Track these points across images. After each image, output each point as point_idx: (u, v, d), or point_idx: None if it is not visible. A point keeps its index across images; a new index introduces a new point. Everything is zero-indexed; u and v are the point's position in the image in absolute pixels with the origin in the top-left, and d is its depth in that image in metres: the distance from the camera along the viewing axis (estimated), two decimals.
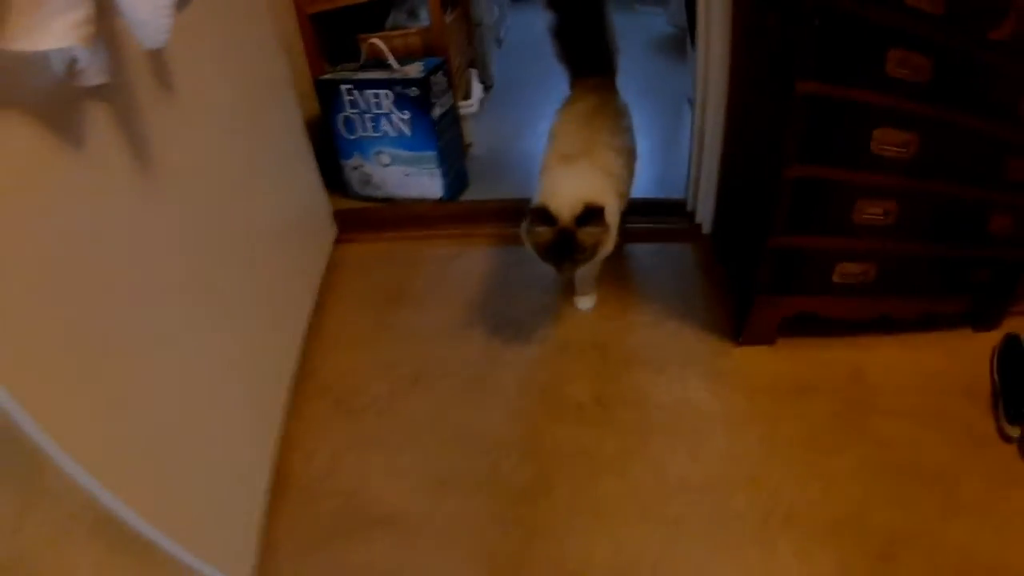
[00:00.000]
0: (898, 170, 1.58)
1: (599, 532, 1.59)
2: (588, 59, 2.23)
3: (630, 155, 2.11)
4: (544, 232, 1.80)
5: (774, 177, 1.63)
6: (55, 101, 1.10)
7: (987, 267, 1.82)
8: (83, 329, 1.15)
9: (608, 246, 1.88)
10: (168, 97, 1.44)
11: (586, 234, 1.78)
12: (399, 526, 1.66)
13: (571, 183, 1.86)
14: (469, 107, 2.79)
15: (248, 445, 1.71)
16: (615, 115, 2.13)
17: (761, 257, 1.76)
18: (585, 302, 2.18)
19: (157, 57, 1.40)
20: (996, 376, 1.79)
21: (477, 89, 2.91)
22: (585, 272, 2.07)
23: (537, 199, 1.84)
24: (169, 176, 1.43)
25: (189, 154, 1.53)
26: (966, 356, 1.88)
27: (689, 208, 2.38)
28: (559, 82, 2.28)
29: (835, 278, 1.77)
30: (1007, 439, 1.67)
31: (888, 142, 1.54)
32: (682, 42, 3.13)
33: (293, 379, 1.98)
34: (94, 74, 1.14)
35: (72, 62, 1.10)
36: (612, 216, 1.85)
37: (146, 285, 1.34)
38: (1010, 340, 1.83)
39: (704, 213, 2.30)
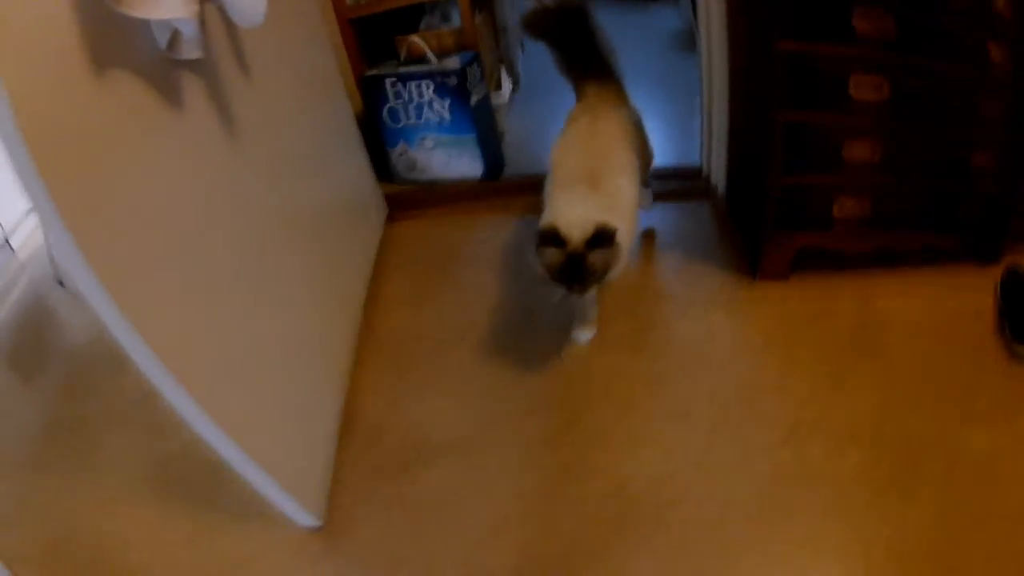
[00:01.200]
0: (877, 111, 1.81)
1: (645, 439, 1.81)
2: (585, 66, 2.24)
3: (635, 171, 2.08)
4: (554, 254, 1.78)
5: (769, 122, 1.87)
6: (158, 69, 1.35)
7: (977, 201, 1.99)
8: (194, 272, 1.43)
9: (619, 267, 1.86)
10: (246, 80, 1.72)
11: (597, 256, 1.77)
12: (460, 451, 1.88)
13: (578, 206, 1.84)
14: (500, 98, 3.04)
15: (322, 392, 1.97)
16: (619, 131, 2.10)
17: (768, 196, 1.98)
18: (584, 334, 2.12)
19: (236, 45, 1.66)
20: (1000, 301, 1.95)
21: (507, 82, 3.16)
22: (586, 300, 2.06)
23: (544, 221, 1.83)
24: (250, 148, 1.71)
25: (263, 132, 1.81)
26: (970, 287, 2.03)
27: (704, 173, 2.61)
28: None
29: (835, 213, 1.98)
30: (1017, 357, 1.81)
31: (863, 85, 1.77)
32: (693, 36, 3.35)
33: (357, 336, 2.23)
34: (191, 49, 1.38)
35: (175, 36, 1.33)
36: (623, 237, 1.83)
37: (237, 237, 1.62)
38: (1011, 269, 1.99)
39: (717, 176, 2.51)
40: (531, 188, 2.65)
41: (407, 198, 2.83)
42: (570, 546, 1.63)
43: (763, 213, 2.03)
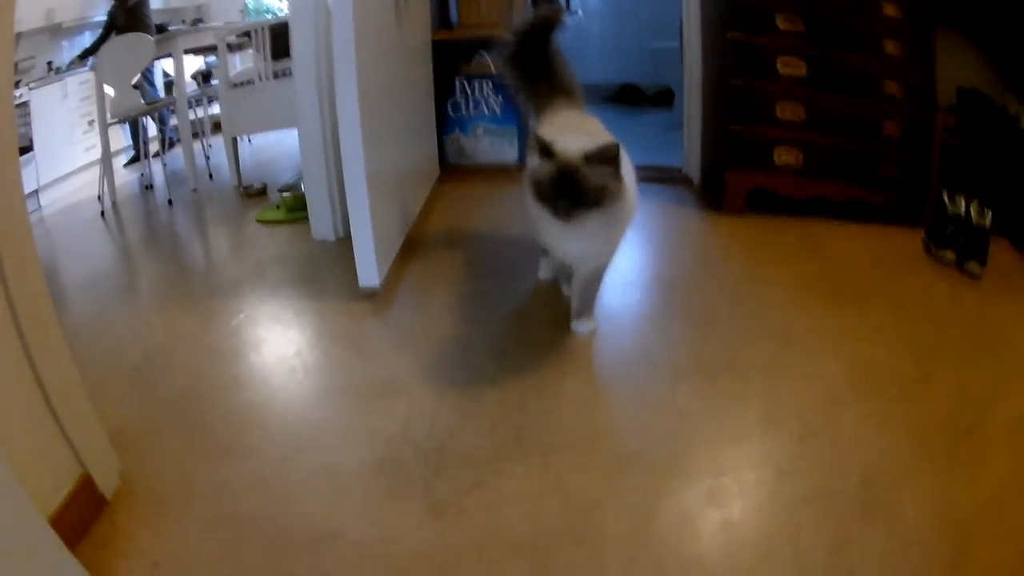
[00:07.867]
0: (799, 84, 2.69)
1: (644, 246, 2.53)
2: (552, 86, 2.16)
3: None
4: (546, 168, 1.66)
5: (724, 88, 2.76)
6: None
7: (893, 164, 2.71)
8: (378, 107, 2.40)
9: (617, 198, 1.70)
10: (403, 56, 2.69)
11: (594, 173, 1.64)
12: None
13: (578, 136, 1.76)
14: None
15: (402, 215, 2.81)
16: (601, 126, 2.04)
17: (726, 141, 2.83)
18: (583, 325, 2.07)
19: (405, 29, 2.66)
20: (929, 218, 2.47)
21: None
22: (589, 284, 2.02)
23: (539, 135, 1.75)
24: (399, 89, 2.77)
25: (405, 87, 2.87)
26: (897, 234, 2.66)
27: (684, 171, 3.50)
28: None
29: (776, 160, 2.79)
30: (936, 258, 2.40)
31: (787, 64, 2.67)
32: (679, 123, 4.30)
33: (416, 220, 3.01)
34: None
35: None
36: (628, 178, 1.77)
37: (393, 121, 2.64)
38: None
39: (693, 171, 3.40)
40: None
41: (456, 170, 3.70)
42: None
43: (724, 161, 2.86)
